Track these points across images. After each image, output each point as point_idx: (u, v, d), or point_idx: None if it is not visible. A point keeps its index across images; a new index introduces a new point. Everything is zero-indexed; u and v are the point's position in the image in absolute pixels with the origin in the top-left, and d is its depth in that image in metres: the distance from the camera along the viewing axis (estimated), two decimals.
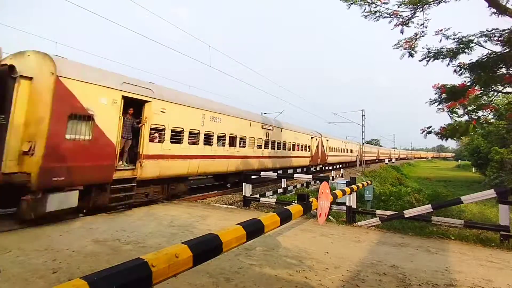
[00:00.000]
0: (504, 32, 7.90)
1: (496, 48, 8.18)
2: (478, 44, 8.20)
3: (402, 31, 8.79)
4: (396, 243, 5.61)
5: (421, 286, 3.64)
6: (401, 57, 9.25)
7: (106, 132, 7.16)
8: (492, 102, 8.80)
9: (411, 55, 9.12)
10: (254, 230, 2.27)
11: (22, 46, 7.42)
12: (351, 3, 8.38)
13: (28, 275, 3.54)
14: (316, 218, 4.27)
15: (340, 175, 23.80)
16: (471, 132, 8.44)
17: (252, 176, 10.13)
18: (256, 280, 3.60)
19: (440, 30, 8.57)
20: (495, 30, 8.02)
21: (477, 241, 5.99)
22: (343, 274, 3.91)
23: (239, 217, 7.25)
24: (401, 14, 8.60)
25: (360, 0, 8.30)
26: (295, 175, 12.35)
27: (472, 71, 8.50)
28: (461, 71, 8.70)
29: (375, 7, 8.45)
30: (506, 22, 7.75)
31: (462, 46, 8.32)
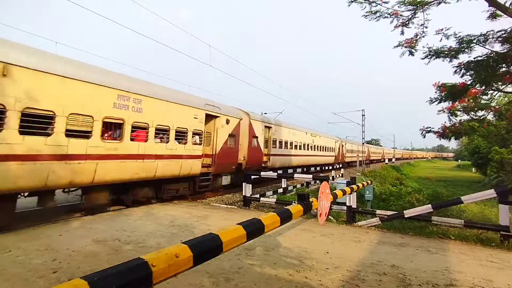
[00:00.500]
0: (505, 32, 7.90)
1: (496, 47, 8.19)
2: (478, 44, 8.19)
3: (403, 32, 8.79)
4: (396, 243, 5.61)
5: (421, 286, 3.63)
6: (401, 55, 9.25)
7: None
8: (493, 101, 8.79)
9: (411, 54, 9.11)
10: (254, 230, 2.27)
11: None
12: (352, 1, 8.37)
13: (28, 275, 3.54)
14: (316, 218, 4.27)
15: (340, 175, 23.82)
16: (478, 132, 8.41)
17: (252, 176, 10.14)
18: (256, 280, 3.60)
19: (441, 30, 8.56)
20: (494, 31, 8.02)
21: (477, 241, 5.97)
22: (343, 274, 3.91)
23: (239, 217, 7.25)
24: (401, 14, 8.60)
25: None
26: (295, 175, 12.34)
27: (472, 69, 8.48)
28: (461, 71, 8.69)
29: (375, 5, 8.45)
30: (507, 22, 7.75)
31: (463, 46, 8.31)
